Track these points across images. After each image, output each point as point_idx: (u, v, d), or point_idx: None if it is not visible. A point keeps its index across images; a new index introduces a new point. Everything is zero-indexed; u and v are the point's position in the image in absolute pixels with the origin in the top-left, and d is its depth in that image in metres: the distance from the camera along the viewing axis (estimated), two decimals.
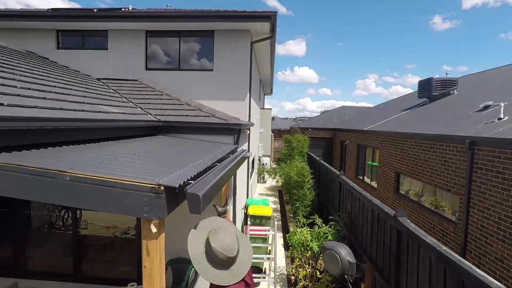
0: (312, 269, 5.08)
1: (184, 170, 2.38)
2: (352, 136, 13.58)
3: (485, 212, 4.89)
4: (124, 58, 6.68)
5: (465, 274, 2.09)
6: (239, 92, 6.48)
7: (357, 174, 12.87)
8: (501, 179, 4.59)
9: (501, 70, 10.29)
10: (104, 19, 6.28)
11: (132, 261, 4.82)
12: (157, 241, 1.81)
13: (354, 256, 3.82)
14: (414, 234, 2.88)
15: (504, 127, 4.94)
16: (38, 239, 4.97)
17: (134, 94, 5.85)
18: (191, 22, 6.17)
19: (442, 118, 7.73)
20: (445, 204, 6.38)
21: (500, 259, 4.52)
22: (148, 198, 1.74)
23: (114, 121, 3.61)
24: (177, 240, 4.87)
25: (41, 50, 6.66)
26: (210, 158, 3.31)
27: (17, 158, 1.93)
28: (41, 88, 3.45)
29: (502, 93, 7.43)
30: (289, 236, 5.73)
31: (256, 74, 9.33)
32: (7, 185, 1.80)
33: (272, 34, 6.49)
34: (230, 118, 5.21)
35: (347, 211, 5.57)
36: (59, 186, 1.77)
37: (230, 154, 4.24)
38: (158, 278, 1.84)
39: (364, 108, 21.34)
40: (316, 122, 19.16)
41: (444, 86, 10.32)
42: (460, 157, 5.65)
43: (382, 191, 9.61)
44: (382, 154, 9.73)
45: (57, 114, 2.69)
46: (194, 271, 4.70)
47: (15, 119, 2.09)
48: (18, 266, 4.89)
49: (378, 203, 4.01)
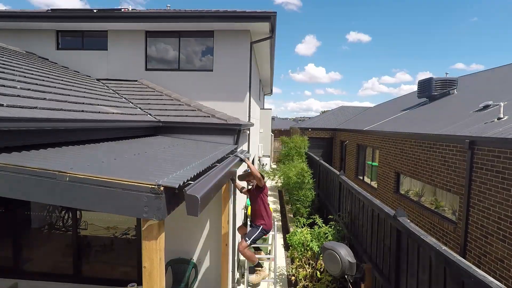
0: (312, 269, 5.07)
1: (184, 171, 2.38)
2: (352, 136, 13.58)
3: (485, 211, 4.89)
4: (124, 59, 6.68)
5: (465, 274, 2.10)
6: (239, 92, 6.48)
7: (357, 174, 12.87)
8: (501, 179, 4.59)
9: (501, 70, 10.29)
10: (103, 19, 6.28)
11: (132, 261, 4.82)
12: (157, 241, 1.81)
13: (354, 256, 3.82)
14: (414, 234, 2.88)
15: (504, 126, 4.94)
16: (38, 240, 4.97)
17: (133, 95, 5.85)
18: (190, 22, 6.16)
19: (442, 118, 7.73)
20: (445, 204, 6.38)
21: (500, 259, 4.52)
22: (148, 198, 1.74)
23: (113, 122, 3.60)
24: (177, 240, 4.87)
25: (41, 50, 6.66)
26: (210, 158, 3.31)
27: (17, 159, 1.93)
28: (40, 88, 3.45)
29: (502, 93, 7.43)
30: (289, 236, 5.73)
31: (256, 74, 9.33)
32: (7, 185, 1.80)
33: (272, 34, 6.49)
34: (230, 119, 5.21)
35: (347, 211, 5.57)
36: (59, 186, 1.77)
37: (230, 155, 4.24)
38: (158, 278, 1.84)
39: (364, 108, 21.36)
40: (316, 122, 19.17)
41: (444, 86, 10.33)
42: (460, 157, 5.65)
43: (382, 191, 9.61)
44: (382, 154, 9.73)
45: (56, 114, 2.69)
46: (194, 271, 4.70)
47: (15, 120, 2.09)
48: (18, 266, 4.89)
49: (378, 203, 4.01)
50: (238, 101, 6.47)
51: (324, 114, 23.24)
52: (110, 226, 4.90)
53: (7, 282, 4.65)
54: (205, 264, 4.93)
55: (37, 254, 4.94)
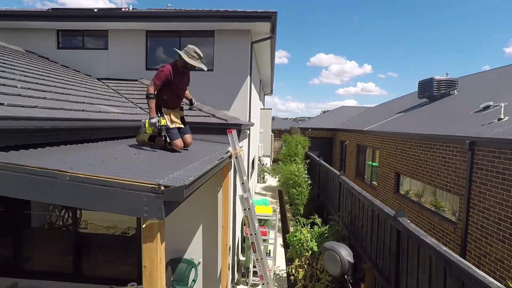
0: (312, 269, 5.07)
1: (184, 171, 2.38)
2: (352, 136, 13.58)
3: (485, 212, 4.89)
4: (125, 58, 6.68)
5: (465, 274, 2.09)
6: (239, 92, 6.49)
7: (357, 174, 12.87)
8: (501, 180, 4.59)
9: (501, 70, 10.28)
10: (104, 19, 6.28)
11: (132, 261, 4.82)
12: (157, 241, 1.81)
13: (354, 256, 3.83)
14: (414, 234, 2.87)
15: (504, 127, 4.94)
16: (38, 239, 4.97)
17: (134, 94, 5.85)
18: (191, 22, 6.16)
19: (442, 119, 7.72)
20: (445, 205, 6.38)
21: (500, 260, 4.51)
22: (148, 198, 1.74)
23: (114, 121, 3.61)
24: (177, 240, 4.87)
25: (41, 50, 6.66)
26: (210, 158, 3.31)
27: (17, 158, 1.93)
28: (41, 88, 3.45)
29: (502, 94, 7.43)
30: (289, 236, 5.73)
31: (256, 74, 9.34)
32: (7, 185, 1.79)
33: (272, 34, 6.49)
34: (230, 118, 5.21)
35: (347, 211, 5.57)
36: (59, 186, 1.77)
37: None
38: (158, 278, 1.84)
39: (364, 108, 21.36)
40: (316, 122, 19.17)
41: (444, 86, 10.32)
42: (460, 157, 5.65)
43: (382, 191, 9.61)
44: (382, 154, 9.73)
45: (57, 114, 2.69)
46: (194, 270, 4.70)
47: (15, 119, 2.09)
48: (18, 266, 4.89)
49: (378, 203, 4.01)
50: (239, 101, 6.47)
51: (324, 114, 23.25)
52: (110, 226, 4.90)
53: (7, 281, 4.65)
54: (205, 263, 4.93)
55: (37, 253, 4.94)
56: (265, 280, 4.18)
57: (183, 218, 4.83)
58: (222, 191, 4.67)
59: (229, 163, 4.49)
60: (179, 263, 4.77)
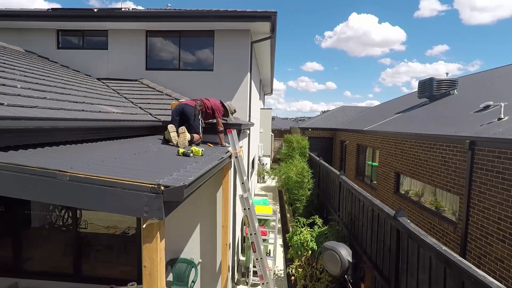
0: (312, 269, 5.07)
1: (184, 170, 2.38)
2: (352, 136, 13.58)
3: (485, 212, 4.89)
4: (124, 58, 6.68)
5: (465, 274, 2.09)
6: (239, 92, 6.49)
7: (357, 174, 12.86)
8: (501, 179, 4.58)
9: (501, 70, 10.29)
10: (104, 19, 6.28)
11: (132, 261, 4.83)
12: (157, 241, 1.81)
13: (354, 256, 3.83)
14: (414, 234, 2.88)
15: (504, 127, 4.94)
16: (38, 239, 4.97)
17: (134, 94, 5.85)
18: (191, 22, 6.16)
19: (442, 118, 7.72)
20: (445, 204, 6.38)
21: (500, 259, 4.52)
22: (148, 198, 1.74)
23: (114, 121, 3.60)
24: (177, 240, 4.88)
25: (41, 50, 6.65)
26: (210, 158, 3.31)
27: (17, 158, 1.93)
28: (41, 88, 3.45)
29: (502, 93, 7.43)
30: (289, 236, 5.73)
31: (256, 74, 9.34)
32: (7, 185, 1.79)
33: (272, 34, 6.49)
34: (230, 118, 5.21)
35: (347, 211, 5.57)
36: (59, 186, 1.77)
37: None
38: (158, 278, 1.84)
39: (364, 108, 21.36)
40: (316, 122, 19.15)
41: (444, 86, 10.32)
42: (460, 157, 5.65)
43: (382, 191, 9.61)
44: (382, 154, 9.73)
45: (57, 114, 2.69)
46: (194, 270, 4.70)
47: (15, 119, 2.09)
48: (18, 266, 4.90)
49: (378, 203, 4.01)
50: (239, 101, 6.47)
51: (324, 114, 23.23)
52: (110, 226, 4.90)
53: (7, 281, 4.65)
54: (205, 263, 4.93)
55: (37, 253, 4.95)
56: (265, 280, 4.19)
57: (183, 218, 4.83)
58: (222, 191, 4.67)
59: (229, 163, 4.49)
60: (179, 263, 4.78)
